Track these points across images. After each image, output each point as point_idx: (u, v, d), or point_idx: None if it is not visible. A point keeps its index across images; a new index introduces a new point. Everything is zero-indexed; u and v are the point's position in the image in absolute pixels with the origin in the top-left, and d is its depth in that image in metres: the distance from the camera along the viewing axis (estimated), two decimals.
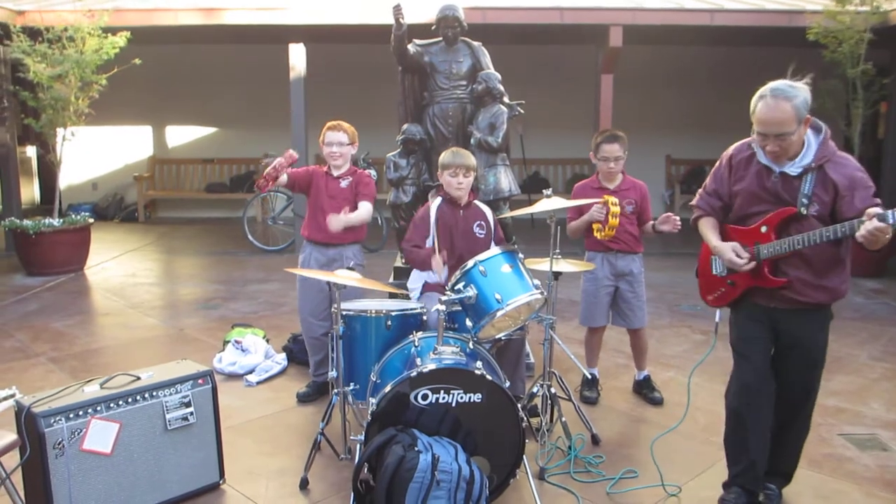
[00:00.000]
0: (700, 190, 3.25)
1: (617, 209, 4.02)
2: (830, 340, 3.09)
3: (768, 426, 3.10)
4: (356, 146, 4.36)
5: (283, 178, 4.09)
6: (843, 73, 7.65)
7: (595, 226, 4.17)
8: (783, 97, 2.76)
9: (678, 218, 4.07)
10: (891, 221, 2.55)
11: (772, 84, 2.82)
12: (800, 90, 2.78)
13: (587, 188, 4.34)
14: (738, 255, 2.97)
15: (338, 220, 4.07)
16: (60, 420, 2.84)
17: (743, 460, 3.11)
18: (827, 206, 2.85)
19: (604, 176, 4.30)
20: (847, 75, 7.61)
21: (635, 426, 4.11)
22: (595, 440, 3.84)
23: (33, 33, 7.47)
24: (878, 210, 2.60)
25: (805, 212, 2.86)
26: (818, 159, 2.85)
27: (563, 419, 3.75)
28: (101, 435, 2.93)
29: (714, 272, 3.18)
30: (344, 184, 4.27)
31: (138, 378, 3.15)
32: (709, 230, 3.14)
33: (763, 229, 2.95)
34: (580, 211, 4.24)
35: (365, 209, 4.25)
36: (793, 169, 2.88)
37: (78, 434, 2.88)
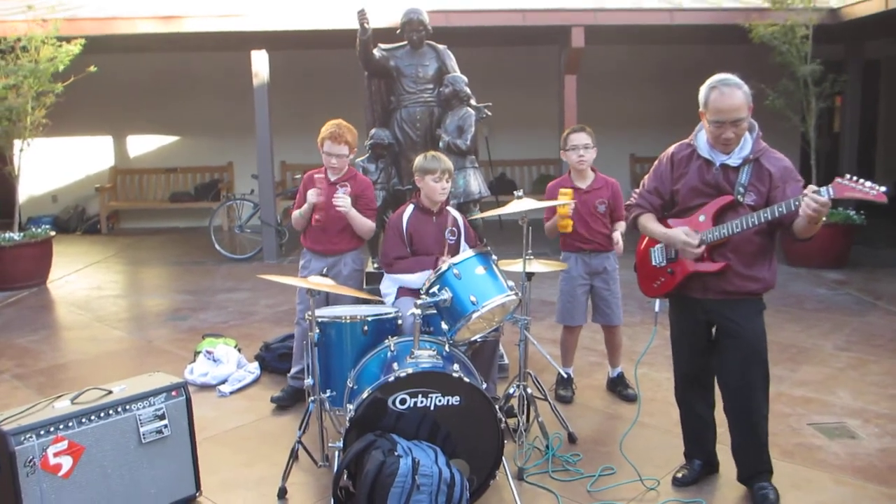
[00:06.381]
0: (637, 190, 3.38)
1: (565, 210, 4.04)
2: (797, 331, 3.17)
3: (709, 409, 3.41)
4: (355, 150, 4.27)
5: (315, 199, 4.11)
6: (794, 72, 7.82)
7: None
8: (735, 85, 2.98)
9: (621, 247, 4.19)
10: (825, 196, 2.75)
11: (718, 76, 3.03)
12: (742, 81, 3.01)
13: (559, 187, 4.33)
14: (689, 238, 3.08)
15: (344, 201, 4.04)
16: (31, 437, 2.78)
17: (691, 438, 3.47)
18: (763, 197, 3.03)
19: (575, 173, 4.32)
20: (797, 74, 7.78)
21: (611, 423, 4.15)
22: (572, 439, 3.86)
23: None
24: (815, 187, 2.79)
25: (742, 199, 3.04)
26: (755, 152, 3.05)
27: (540, 419, 3.77)
28: None
29: (653, 263, 3.30)
30: (342, 191, 4.13)
31: (110, 392, 3.09)
32: (652, 223, 3.26)
33: (701, 218, 3.11)
34: (555, 210, 4.25)
35: (369, 226, 4.22)
36: (733, 160, 3.07)
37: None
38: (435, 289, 3.41)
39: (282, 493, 3.33)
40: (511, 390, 3.84)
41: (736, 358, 3.17)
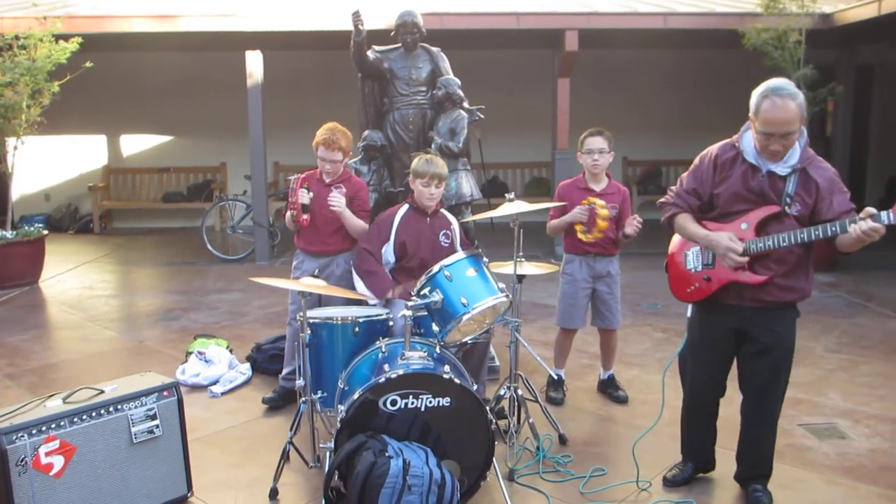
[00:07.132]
0: (674, 188, 3.23)
1: (606, 212, 4.07)
2: None
3: (714, 418, 3.39)
4: (350, 155, 4.28)
5: (306, 199, 4.10)
6: (787, 76, 7.85)
7: (578, 227, 4.21)
8: (789, 96, 2.78)
9: (639, 218, 4.15)
10: (885, 222, 2.62)
11: (772, 82, 2.84)
12: (797, 88, 2.82)
13: (572, 187, 4.33)
14: (734, 244, 2.93)
15: (339, 201, 4.04)
16: (23, 436, 2.78)
17: (692, 445, 3.46)
18: (808, 208, 2.91)
19: (590, 175, 4.30)
20: (791, 78, 7.80)
21: (602, 425, 4.17)
22: (562, 440, 3.88)
23: None
24: (873, 210, 2.67)
25: (789, 210, 2.91)
26: (803, 161, 2.92)
27: (531, 420, 3.79)
28: None
29: (687, 267, 3.19)
30: (337, 191, 4.15)
31: (102, 391, 3.09)
32: (692, 224, 3.11)
33: (743, 226, 2.99)
34: (562, 209, 4.26)
35: (362, 227, 4.20)
36: (781, 168, 2.92)
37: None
38: (426, 290, 3.42)
39: (273, 493, 3.33)
40: (502, 392, 3.85)
41: (767, 365, 3.10)
